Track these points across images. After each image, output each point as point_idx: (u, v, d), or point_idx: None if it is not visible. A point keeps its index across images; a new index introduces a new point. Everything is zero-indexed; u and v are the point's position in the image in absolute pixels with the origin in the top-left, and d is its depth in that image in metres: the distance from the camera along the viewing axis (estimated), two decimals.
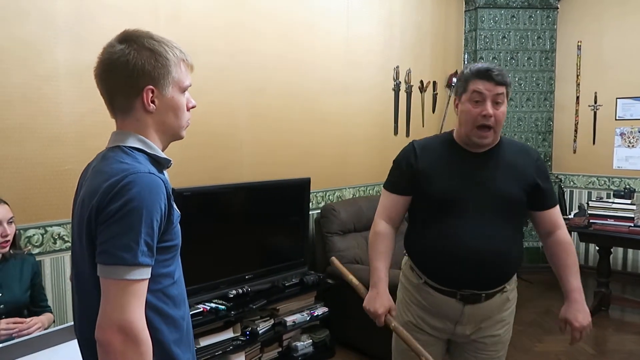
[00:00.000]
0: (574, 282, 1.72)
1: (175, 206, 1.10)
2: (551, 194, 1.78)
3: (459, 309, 1.70)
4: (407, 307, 1.82)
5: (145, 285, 1.00)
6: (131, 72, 1.05)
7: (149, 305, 1.02)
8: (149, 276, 1.00)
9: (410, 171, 1.77)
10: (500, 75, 1.62)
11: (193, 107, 1.17)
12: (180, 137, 1.17)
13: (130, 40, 1.07)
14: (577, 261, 1.77)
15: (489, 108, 1.62)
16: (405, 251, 1.89)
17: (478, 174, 1.70)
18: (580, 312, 1.70)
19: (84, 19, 2.45)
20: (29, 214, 2.30)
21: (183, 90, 1.13)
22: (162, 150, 1.15)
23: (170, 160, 1.14)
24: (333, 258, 2.13)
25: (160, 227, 1.02)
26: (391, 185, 1.86)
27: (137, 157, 1.06)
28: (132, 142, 1.08)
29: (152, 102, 1.08)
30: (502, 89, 1.63)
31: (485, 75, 1.63)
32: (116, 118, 1.12)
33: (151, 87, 1.07)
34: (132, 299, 0.96)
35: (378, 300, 1.71)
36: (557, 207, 1.80)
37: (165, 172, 1.16)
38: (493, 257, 1.65)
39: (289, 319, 3.03)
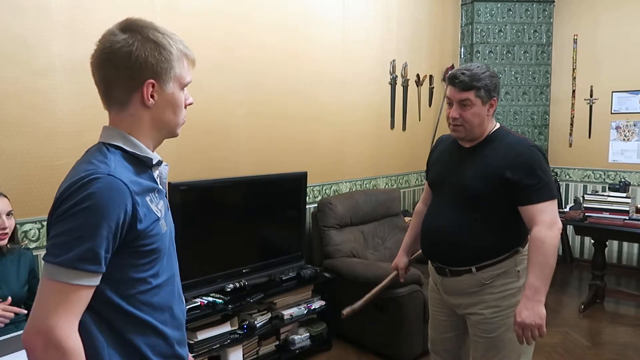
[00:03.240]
0: (531, 278, 1.71)
1: (157, 208, 1.04)
2: (528, 191, 1.76)
3: (439, 279, 2.00)
4: (430, 278, 2.14)
5: (85, 293, 0.92)
6: (133, 64, 0.99)
7: (119, 310, 0.99)
8: (93, 284, 0.93)
9: (429, 161, 2.17)
10: (462, 83, 1.80)
11: (190, 105, 1.12)
12: (175, 135, 1.12)
13: (134, 30, 1.01)
14: (542, 259, 1.72)
15: (453, 111, 1.85)
16: None
17: (458, 165, 1.93)
18: (526, 309, 1.69)
19: (79, 12, 2.44)
20: (25, 208, 2.29)
21: (183, 86, 1.08)
22: (155, 147, 1.11)
23: (152, 159, 1.07)
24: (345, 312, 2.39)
25: (120, 233, 0.95)
26: (426, 173, 2.22)
27: (107, 158, 0.99)
28: (114, 140, 1.03)
29: (152, 96, 1.03)
30: (466, 95, 1.80)
31: (451, 82, 1.85)
32: (110, 111, 1.06)
33: (152, 81, 1.02)
34: (61, 303, 0.89)
35: (395, 259, 2.29)
36: (541, 205, 1.76)
37: (159, 169, 1.11)
38: (443, 238, 1.91)
39: (286, 313, 3.04)
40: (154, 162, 1.08)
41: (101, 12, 2.50)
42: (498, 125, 1.94)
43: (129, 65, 0.99)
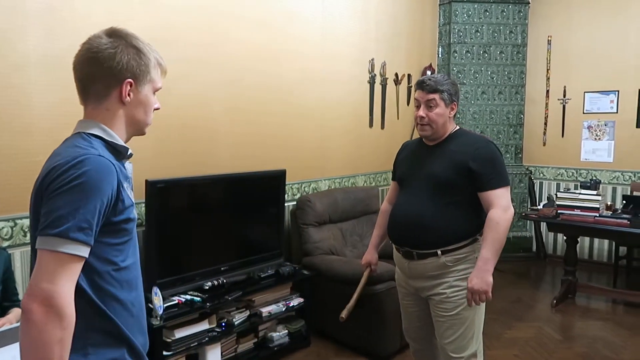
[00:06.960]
0: (484, 251, 1.98)
1: (130, 196, 1.14)
2: (487, 178, 2.02)
3: (405, 264, 2.18)
4: (396, 269, 2.33)
5: (78, 264, 1.01)
6: (117, 63, 1.12)
7: (96, 286, 1.08)
8: (85, 255, 1.01)
9: (395, 163, 2.40)
10: (429, 86, 2.07)
11: (157, 109, 1.25)
12: (143, 133, 1.25)
13: (119, 36, 1.15)
14: (496, 236, 1.97)
15: (421, 111, 2.10)
16: None
17: (423, 160, 2.17)
18: (476, 277, 1.97)
19: (55, 6, 2.40)
20: None
21: (155, 91, 1.22)
22: (125, 142, 1.21)
23: (128, 149, 1.19)
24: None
25: (105, 210, 1.04)
26: (392, 174, 2.46)
27: (92, 143, 1.10)
28: (93, 130, 1.14)
29: (128, 94, 1.15)
30: (432, 96, 2.07)
31: (420, 86, 2.11)
32: (86, 105, 1.17)
33: (131, 80, 1.15)
34: (61, 272, 0.98)
35: (364, 255, 2.54)
36: (497, 191, 2.01)
37: (127, 161, 1.22)
38: (414, 222, 2.09)
39: (265, 310, 3.05)
40: (128, 153, 1.20)
41: (78, 5, 2.46)
42: (458, 127, 2.20)
43: (113, 65, 1.12)
